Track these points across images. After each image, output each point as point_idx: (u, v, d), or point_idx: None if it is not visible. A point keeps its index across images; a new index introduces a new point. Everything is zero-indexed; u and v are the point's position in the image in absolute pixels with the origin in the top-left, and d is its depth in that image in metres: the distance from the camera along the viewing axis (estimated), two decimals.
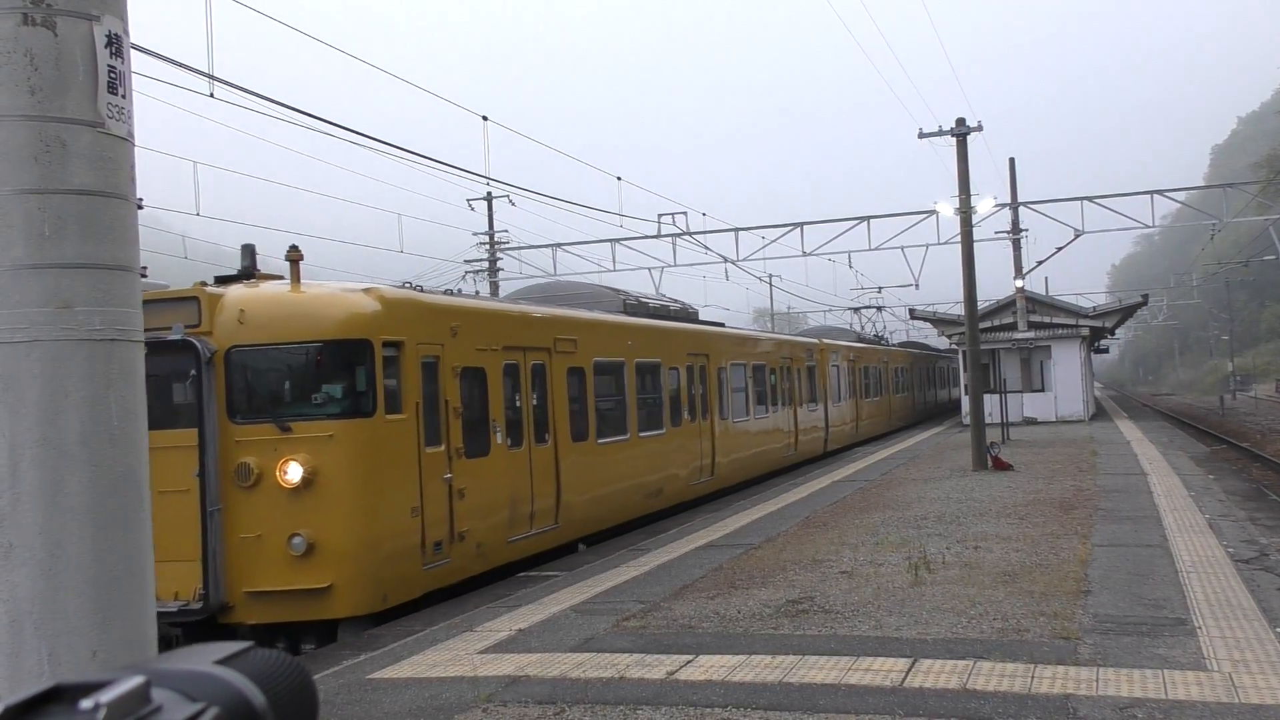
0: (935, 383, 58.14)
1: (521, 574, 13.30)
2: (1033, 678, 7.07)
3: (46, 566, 3.44)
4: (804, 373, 27.79)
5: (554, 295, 18.61)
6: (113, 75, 3.58)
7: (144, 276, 3.83)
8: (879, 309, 52.11)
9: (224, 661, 0.78)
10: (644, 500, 17.40)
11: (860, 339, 41.34)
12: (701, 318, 23.58)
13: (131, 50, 3.78)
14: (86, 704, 0.68)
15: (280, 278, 11.30)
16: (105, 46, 3.55)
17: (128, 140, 3.66)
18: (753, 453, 23.43)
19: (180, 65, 12.39)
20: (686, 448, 19.37)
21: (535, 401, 13.90)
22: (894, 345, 52.04)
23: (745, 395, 23.13)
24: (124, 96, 3.64)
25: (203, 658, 0.78)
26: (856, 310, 50.49)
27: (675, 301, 23.20)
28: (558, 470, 14.23)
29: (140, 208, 3.94)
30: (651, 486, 17.67)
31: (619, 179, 29.91)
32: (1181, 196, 37.73)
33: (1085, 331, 40.98)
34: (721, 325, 24.57)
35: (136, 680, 0.71)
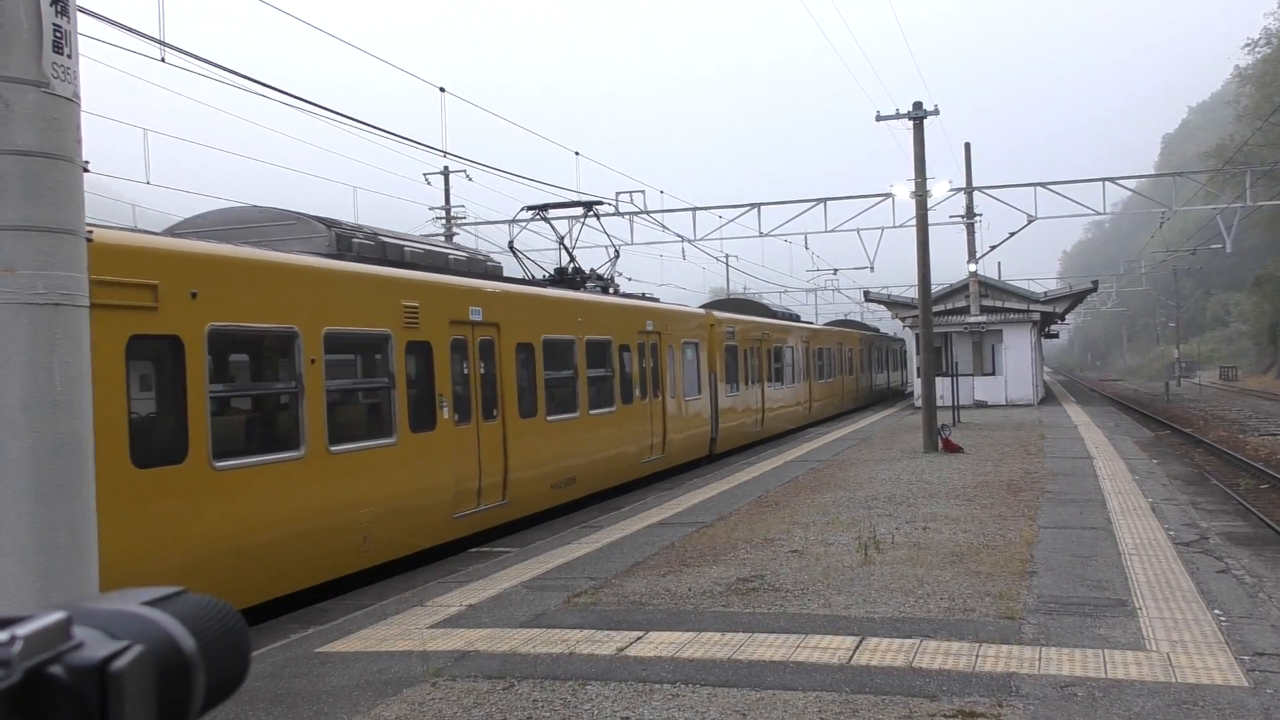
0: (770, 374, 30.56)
1: (474, 549, 13.28)
2: (977, 656, 7.17)
3: None
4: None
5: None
6: (58, 35, 3.49)
7: (89, 240, 3.74)
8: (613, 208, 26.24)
9: (153, 603, 0.77)
10: (331, 553, 10.95)
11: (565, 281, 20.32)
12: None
13: (79, 14, 3.69)
14: (2, 636, 0.66)
15: None
16: (51, 4, 3.46)
17: (73, 101, 3.58)
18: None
19: (130, 30, 12.14)
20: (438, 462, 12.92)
21: None
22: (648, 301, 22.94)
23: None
24: (69, 56, 3.55)
25: (131, 599, 0.77)
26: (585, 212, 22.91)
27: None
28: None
29: (86, 171, 3.86)
30: (354, 528, 11.28)
31: (577, 154, 29.79)
32: (1132, 185, 38.25)
33: (1036, 316, 41.46)
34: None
35: (57, 616, 0.69)
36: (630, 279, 41.54)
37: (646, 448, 20.37)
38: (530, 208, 22.89)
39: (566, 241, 21.80)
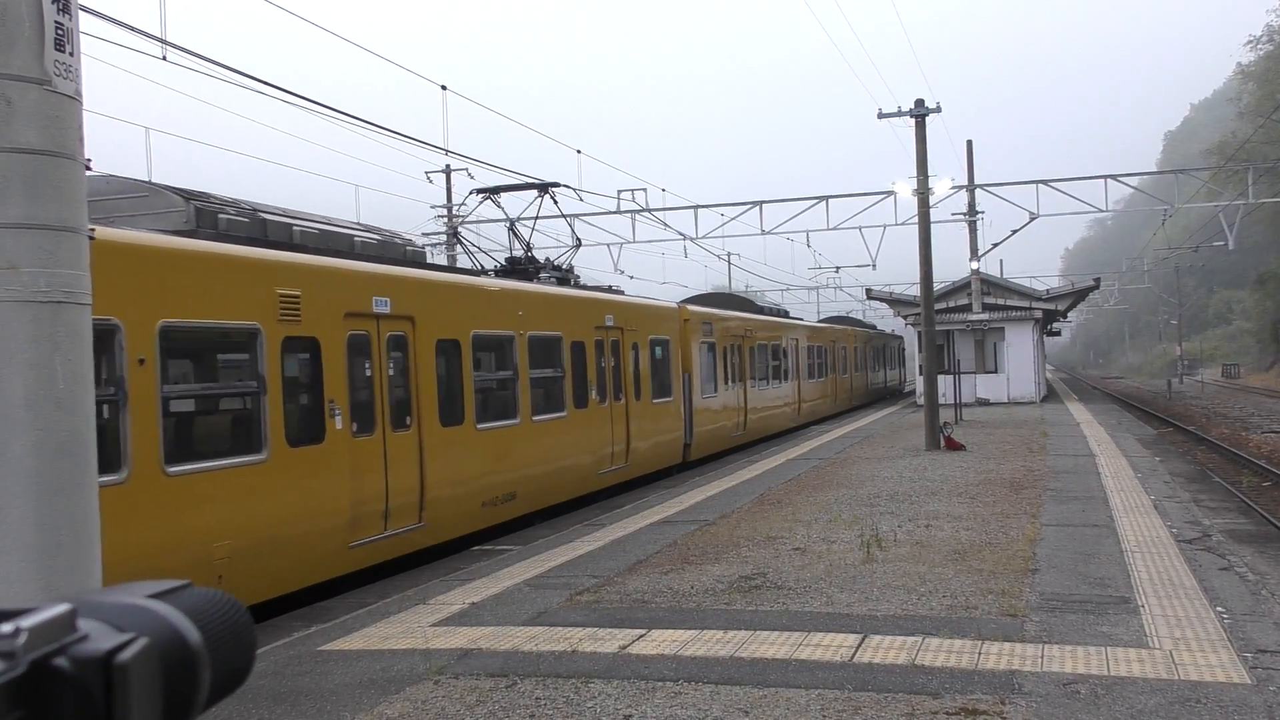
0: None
1: (475, 548, 13.28)
2: (979, 654, 7.17)
3: None
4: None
5: None
6: (60, 32, 3.49)
7: (91, 237, 3.74)
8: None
9: (159, 596, 0.76)
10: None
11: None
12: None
13: (81, 12, 3.69)
14: (6, 628, 0.66)
15: None
16: (53, 2, 3.46)
17: (75, 99, 3.58)
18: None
19: (132, 29, 12.14)
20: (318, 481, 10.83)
21: None
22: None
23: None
24: (71, 54, 3.55)
25: (137, 591, 0.76)
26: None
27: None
28: None
29: (88, 169, 3.86)
30: (202, 568, 9.21)
31: (579, 152, 29.76)
32: (1134, 182, 38.23)
33: (1038, 314, 41.44)
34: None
35: (62, 608, 0.69)
36: (632, 277, 41.57)
37: (605, 457, 18.12)
38: (480, 190, 20.55)
39: (519, 228, 19.57)
